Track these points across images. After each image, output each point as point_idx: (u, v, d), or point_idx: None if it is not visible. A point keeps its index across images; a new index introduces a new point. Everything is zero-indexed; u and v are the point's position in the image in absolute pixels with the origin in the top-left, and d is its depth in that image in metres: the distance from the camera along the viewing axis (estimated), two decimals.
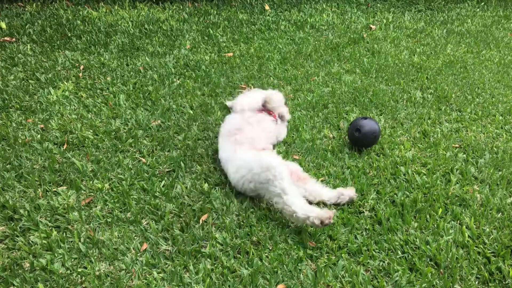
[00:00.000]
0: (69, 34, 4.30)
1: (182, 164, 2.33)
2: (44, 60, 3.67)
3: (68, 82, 3.26)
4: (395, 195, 2.15)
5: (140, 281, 1.66)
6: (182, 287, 1.64)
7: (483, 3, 6.33)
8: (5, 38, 4.08)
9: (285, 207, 1.88)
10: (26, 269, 1.69)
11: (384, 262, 1.77)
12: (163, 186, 2.17)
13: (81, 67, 3.57)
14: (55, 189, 2.12)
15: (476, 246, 1.85)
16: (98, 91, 3.17)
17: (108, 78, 3.37)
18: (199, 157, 2.42)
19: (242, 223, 1.96)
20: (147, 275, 1.68)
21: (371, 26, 5.11)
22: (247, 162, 2.07)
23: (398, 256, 1.79)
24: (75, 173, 2.24)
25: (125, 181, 2.18)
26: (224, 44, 4.30)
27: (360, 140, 2.44)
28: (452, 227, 1.95)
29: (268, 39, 4.51)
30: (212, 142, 2.58)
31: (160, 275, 1.68)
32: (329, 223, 1.80)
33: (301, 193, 2.02)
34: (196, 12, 5.36)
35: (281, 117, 2.67)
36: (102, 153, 2.42)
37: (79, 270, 1.69)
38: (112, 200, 2.06)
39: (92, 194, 2.11)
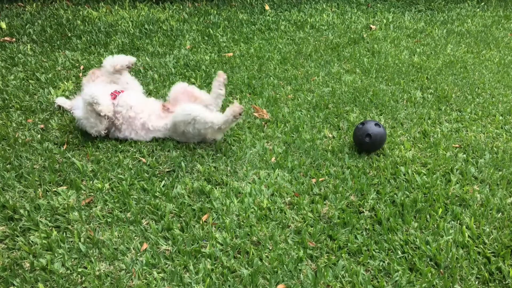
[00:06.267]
0: (69, 34, 4.31)
1: (182, 164, 2.33)
2: (44, 60, 3.68)
3: (68, 82, 3.26)
4: (395, 195, 2.15)
5: (140, 281, 1.66)
6: (182, 287, 1.64)
7: (483, 3, 6.33)
8: (5, 38, 4.08)
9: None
10: (26, 269, 1.70)
11: (384, 262, 1.77)
12: (163, 186, 2.18)
13: (81, 67, 3.57)
14: (55, 189, 2.12)
15: (476, 246, 1.85)
16: None
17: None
18: (199, 157, 2.42)
19: (242, 223, 1.96)
20: (147, 275, 1.69)
21: (371, 26, 5.12)
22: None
23: (398, 256, 1.79)
24: (75, 173, 2.24)
25: (125, 181, 2.18)
26: (224, 44, 4.30)
27: (367, 146, 2.44)
28: (452, 227, 1.96)
29: (268, 39, 4.51)
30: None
31: (160, 275, 1.68)
32: (242, 110, 2.34)
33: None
34: (196, 12, 5.36)
35: None
36: (102, 153, 2.42)
37: (79, 270, 1.69)
38: (112, 200, 2.06)
39: (92, 194, 2.11)
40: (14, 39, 4.08)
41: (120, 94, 2.57)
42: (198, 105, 2.51)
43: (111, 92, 2.56)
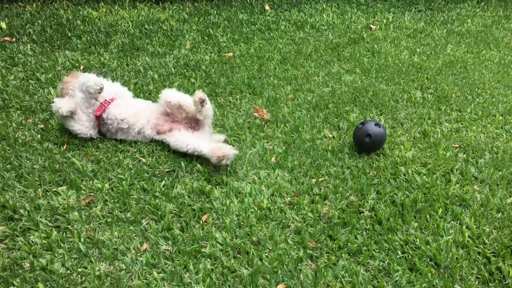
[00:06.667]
0: (69, 34, 4.31)
1: (183, 164, 2.33)
2: (44, 60, 3.68)
3: None
4: (395, 195, 2.15)
5: (140, 281, 1.66)
6: (182, 287, 1.64)
7: (483, 3, 6.33)
8: (5, 38, 4.08)
9: None
10: (26, 269, 1.70)
11: (384, 262, 1.77)
12: (163, 186, 2.18)
13: (81, 67, 3.57)
14: (55, 189, 2.12)
15: (476, 246, 1.85)
16: None
17: (108, 78, 3.37)
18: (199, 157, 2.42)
19: (242, 223, 1.96)
20: (147, 275, 1.69)
21: (371, 26, 5.12)
22: None
23: (398, 256, 1.79)
24: (75, 173, 2.24)
25: (125, 181, 2.18)
26: (224, 44, 4.30)
27: (367, 146, 2.44)
28: (452, 227, 1.96)
29: (268, 39, 4.51)
30: None
31: (160, 275, 1.68)
32: (222, 157, 2.21)
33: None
34: (196, 12, 5.37)
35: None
36: (102, 153, 2.42)
37: (79, 270, 1.69)
38: (112, 200, 2.06)
39: (92, 194, 2.11)
40: (14, 39, 4.08)
41: (110, 105, 2.51)
42: (189, 138, 2.41)
43: (101, 102, 2.51)
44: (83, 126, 2.47)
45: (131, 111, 2.52)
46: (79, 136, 2.50)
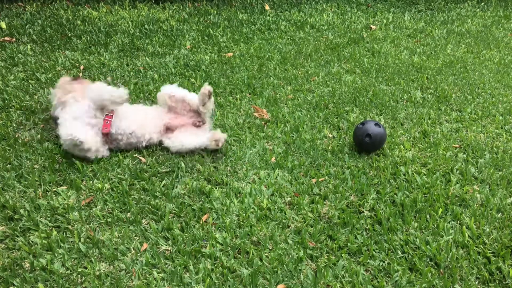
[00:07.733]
0: (69, 34, 4.30)
1: (182, 164, 2.33)
2: (44, 60, 3.68)
3: None
4: (395, 195, 2.15)
5: (140, 281, 1.66)
6: (182, 287, 1.64)
7: (483, 3, 6.33)
8: (5, 38, 4.08)
9: None
10: (26, 269, 1.70)
11: (384, 262, 1.77)
12: (163, 186, 2.18)
13: (81, 67, 3.57)
14: (55, 189, 2.12)
15: (476, 246, 1.85)
16: None
17: (108, 78, 3.37)
18: (199, 157, 2.42)
19: (242, 223, 1.96)
20: (147, 275, 1.69)
21: (371, 26, 5.12)
22: None
23: (398, 256, 1.79)
24: (75, 173, 2.24)
25: (125, 181, 2.18)
26: (224, 44, 4.30)
27: (367, 146, 2.44)
28: (452, 227, 1.96)
29: (268, 39, 4.51)
30: None
31: (160, 275, 1.68)
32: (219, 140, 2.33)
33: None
34: (196, 12, 5.36)
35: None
36: None
37: (79, 270, 1.69)
38: (112, 200, 2.06)
39: (92, 194, 2.11)
40: (14, 39, 4.08)
41: (114, 118, 2.36)
42: (184, 137, 2.43)
43: (104, 118, 2.34)
44: (97, 144, 2.28)
45: (139, 122, 2.41)
46: (91, 158, 2.31)
